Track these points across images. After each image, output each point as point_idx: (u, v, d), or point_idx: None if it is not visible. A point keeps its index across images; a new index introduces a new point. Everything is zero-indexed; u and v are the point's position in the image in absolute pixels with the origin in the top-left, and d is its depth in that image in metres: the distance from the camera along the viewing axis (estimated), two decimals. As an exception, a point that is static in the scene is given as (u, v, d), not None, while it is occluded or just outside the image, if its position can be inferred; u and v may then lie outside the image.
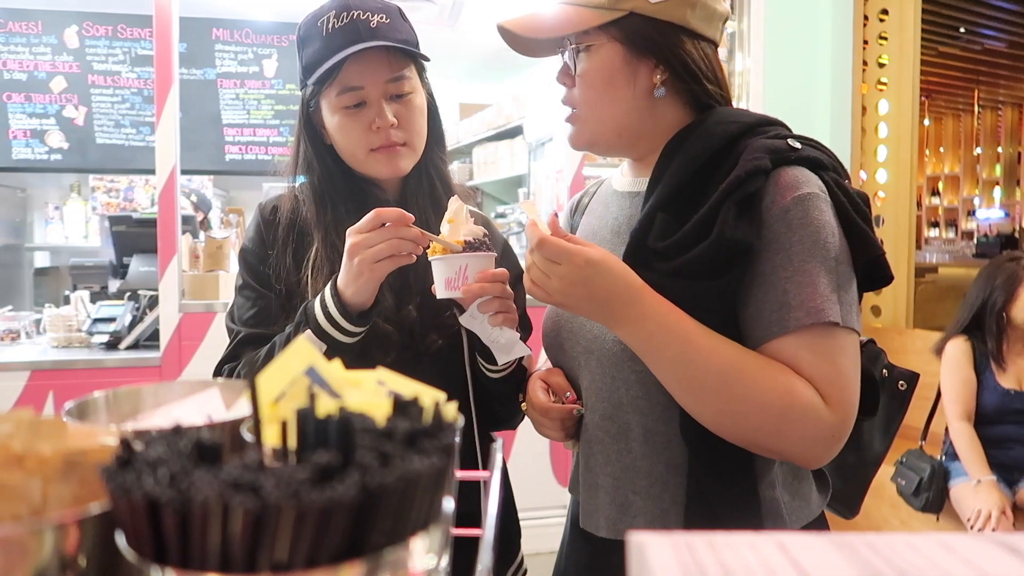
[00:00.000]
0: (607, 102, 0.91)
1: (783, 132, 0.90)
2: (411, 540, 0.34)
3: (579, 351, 0.97)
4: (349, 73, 1.04)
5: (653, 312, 0.81)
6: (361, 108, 1.06)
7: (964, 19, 5.70)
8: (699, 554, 0.29)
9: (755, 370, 0.80)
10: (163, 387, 0.61)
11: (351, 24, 1.04)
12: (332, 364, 0.47)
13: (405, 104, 1.08)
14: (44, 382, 2.61)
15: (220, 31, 3.91)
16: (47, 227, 4.33)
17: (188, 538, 0.31)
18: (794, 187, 0.82)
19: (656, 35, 0.88)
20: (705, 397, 0.81)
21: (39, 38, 3.77)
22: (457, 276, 0.93)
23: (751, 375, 0.79)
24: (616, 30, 0.88)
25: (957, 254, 7.50)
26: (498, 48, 1.01)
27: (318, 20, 1.06)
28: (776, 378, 0.79)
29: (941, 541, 0.30)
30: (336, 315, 0.96)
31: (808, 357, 0.80)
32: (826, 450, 0.82)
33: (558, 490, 2.97)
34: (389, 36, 1.05)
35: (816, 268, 0.80)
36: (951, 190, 10.18)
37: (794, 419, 0.79)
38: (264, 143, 4.00)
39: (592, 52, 0.90)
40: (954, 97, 8.79)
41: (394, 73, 1.06)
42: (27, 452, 0.39)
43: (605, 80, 0.90)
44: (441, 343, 1.07)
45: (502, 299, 0.96)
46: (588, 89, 0.91)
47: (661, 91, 0.90)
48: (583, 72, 0.91)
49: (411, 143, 1.09)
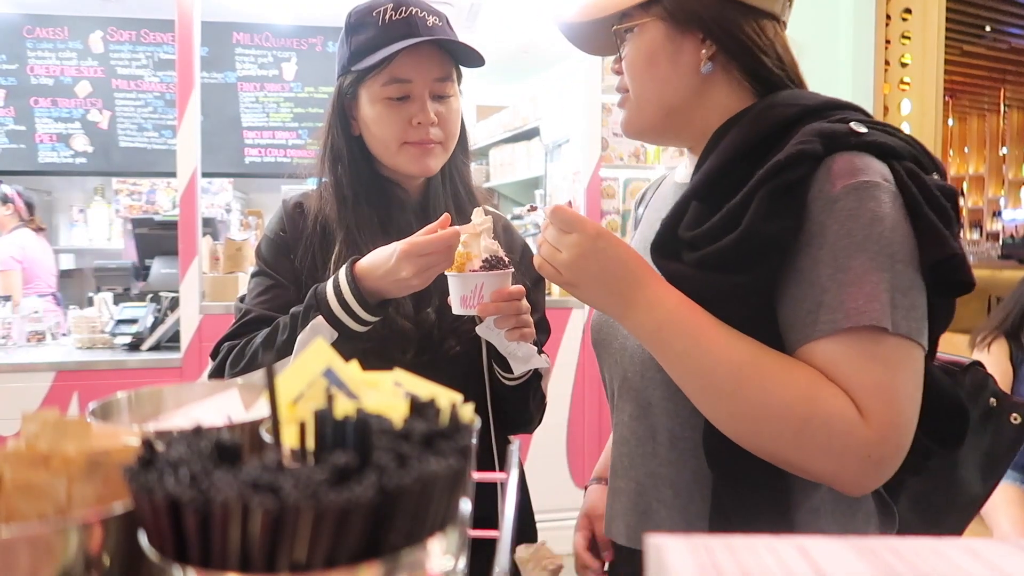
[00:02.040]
0: (652, 81, 0.87)
1: (852, 116, 0.79)
2: (429, 541, 0.35)
3: (616, 347, 0.92)
4: (401, 65, 1.06)
5: (664, 299, 0.75)
6: (404, 101, 1.08)
7: (990, 17, 5.60)
8: (718, 557, 0.28)
9: (776, 370, 0.71)
10: (184, 388, 0.62)
11: (409, 19, 1.06)
12: (350, 366, 0.47)
13: (446, 105, 1.11)
14: (69, 383, 2.66)
15: (240, 35, 3.95)
16: (72, 230, 4.40)
17: (209, 538, 0.31)
18: (849, 174, 0.72)
19: (699, 6, 0.83)
20: (717, 398, 0.73)
21: (65, 43, 3.84)
22: (473, 294, 0.93)
23: (770, 375, 0.71)
24: (658, 7, 0.84)
25: (982, 255, 7.37)
26: (515, 50, 1.01)
27: (373, 10, 1.08)
28: (799, 380, 0.70)
29: (966, 546, 0.29)
30: (352, 303, 0.95)
31: (845, 364, 0.70)
32: (862, 471, 0.70)
33: (575, 492, 2.96)
34: (445, 36, 1.08)
35: (865, 265, 0.70)
36: (976, 191, 10.01)
37: (816, 428, 0.69)
38: (283, 146, 4.03)
39: (636, 33, 0.86)
40: (979, 97, 8.64)
41: (443, 73, 1.09)
42: (53, 452, 0.39)
43: (647, 59, 0.86)
44: (458, 348, 1.08)
45: (518, 315, 0.96)
46: (632, 70, 0.88)
47: (708, 67, 0.84)
48: (628, 54, 0.88)
49: (446, 144, 1.12)
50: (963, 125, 9.96)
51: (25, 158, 3.87)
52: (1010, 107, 9.19)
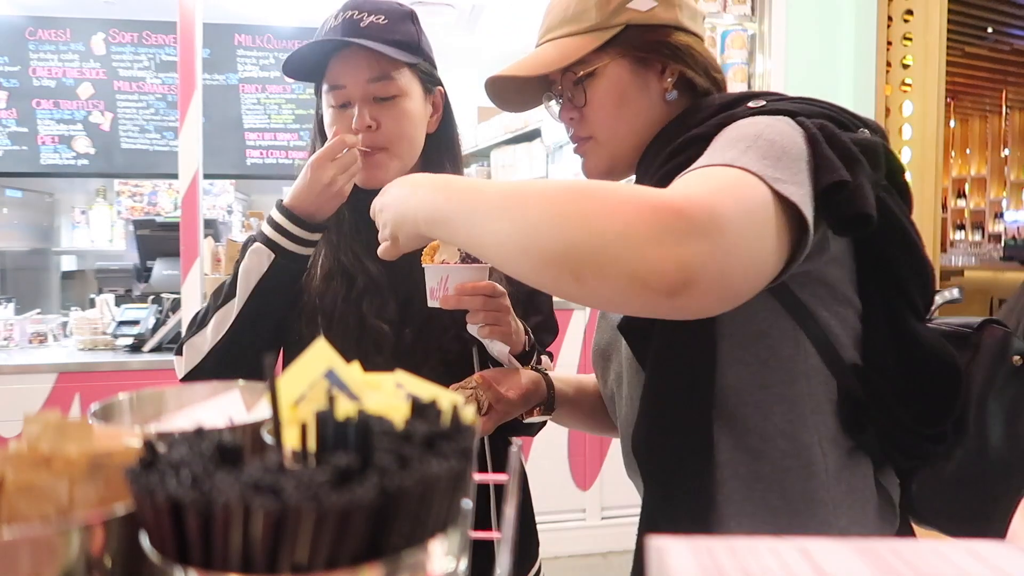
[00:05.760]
0: (625, 119, 0.88)
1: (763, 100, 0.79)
2: (430, 542, 0.35)
3: (612, 377, 0.95)
4: (333, 71, 1.05)
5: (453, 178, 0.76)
6: (346, 109, 1.06)
7: (992, 19, 5.60)
8: (719, 559, 0.28)
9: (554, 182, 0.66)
10: (185, 389, 0.62)
11: (343, 23, 1.05)
12: (351, 367, 0.47)
13: (389, 107, 1.05)
14: (71, 384, 2.66)
15: (242, 36, 3.96)
16: (74, 231, 4.40)
17: (210, 539, 0.31)
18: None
19: (657, 39, 0.86)
20: (500, 218, 0.65)
21: (67, 45, 3.84)
22: (439, 286, 0.95)
23: (550, 183, 0.65)
24: (616, 48, 0.86)
25: (984, 257, 7.37)
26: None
27: (325, 21, 1.09)
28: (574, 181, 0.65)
29: (970, 549, 0.29)
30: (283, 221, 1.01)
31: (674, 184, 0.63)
32: (653, 232, 0.56)
33: (576, 493, 2.96)
34: (377, 37, 1.03)
35: (727, 143, 0.67)
36: (978, 192, 10.00)
37: (596, 194, 0.60)
38: (285, 147, 4.04)
39: (597, 76, 0.87)
40: (981, 98, 8.64)
41: (375, 73, 1.03)
42: (54, 453, 0.39)
43: (617, 98, 0.87)
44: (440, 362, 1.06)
45: (489, 312, 0.95)
46: (601, 112, 0.88)
47: (674, 94, 0.88)
48: (593, 98, 0.87)
49: (393, 149, 1.06)
50: (965, 127, 9.96)
51: (27, 160, 3.87)
52: (1012, 108, 9.18)
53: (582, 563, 2.85)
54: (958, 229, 10.10)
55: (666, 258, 0.56)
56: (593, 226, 0.58)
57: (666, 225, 0.56)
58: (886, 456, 0.82)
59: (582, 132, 0.90)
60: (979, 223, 10.03)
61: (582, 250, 0.59)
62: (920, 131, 3.17)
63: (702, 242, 0.56)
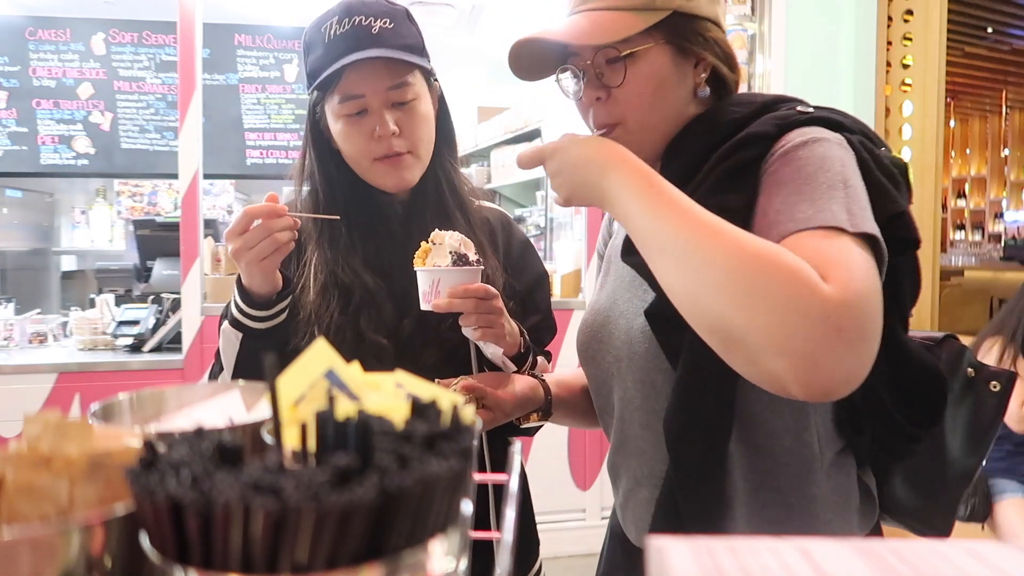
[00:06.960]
0: (658, 108, 0.84)
1: (800, 104, 0.82)
2: (430, 542, 0.35)
3: (610, 360, 0.93)
4: (349, 81, 1.02)
5: (639, 171, 0.73)
6: (363, 116, 1.04)
7: (992, 19, 5.60)
8: (720, 559, 0.28)
9: (735, 231, 0.66)
10: (186, 389, 0.62)
11: (352, 31, 1.01)
12: (351, 367, 0.47)
13: (408, 111, 1.05)
14: (71, 384, 2.66)
15: (242, 36, 3.96)
16: (74, 231, 4.41)
17: (210, 539, 0.31)
18: (800, 137, 0.74)
19: (700, 31, 0.83)
20: (685, 250, 0.67)
21: (67, 45, 3.84)
22: (431, 289, 0.95)
23: (738, 232, 0.66)
24: (661, 32, 0.82)
25: (984, 257, 7.37)
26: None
27: (322, 26, 1.04)
28: (764, 240, 0.65)
29: (969, 549, 0.29)
30: (243, 304, 1.00)
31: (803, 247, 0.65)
32: (820, 335, 0.60)
33: (576, 493, 2.96)
34: (392, 42, 1.02)
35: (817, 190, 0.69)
36: (978, 192, 10.00)
37: (775, 279, 0.62)
38: (285, 147, 4.04)
39: (639, 58, 0.82)
40: (981, 98, 8.64)
41: (395, 81, 1.03)
42: (55, 454, 0.39)
43: (656, 86, 0.83)
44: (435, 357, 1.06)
45: (481, 314, 0.95)
46: (637, 97, 0.83)
47: (705, 91, 0.85)
48: (630, 81, 0.82)
49: (416, 151, 1.07)
50: (965, 127, 9.96)
51: (27, 160, 3.87)
52: (1012, 108, 9.18)
53: (582, 563, 2.85)
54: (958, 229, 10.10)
55: (836, 370, 0.61)
56: (758, 318, 0.62)
57: (828, 342, 0.60)
58: (873, 456, 0.86)
59: (609, 118, 0.85)
60: (979, 223, 10.03)
61: (740, 329, 0.63)
62: (920, 131, 3.17)
63: (866, 345, 0.62)
